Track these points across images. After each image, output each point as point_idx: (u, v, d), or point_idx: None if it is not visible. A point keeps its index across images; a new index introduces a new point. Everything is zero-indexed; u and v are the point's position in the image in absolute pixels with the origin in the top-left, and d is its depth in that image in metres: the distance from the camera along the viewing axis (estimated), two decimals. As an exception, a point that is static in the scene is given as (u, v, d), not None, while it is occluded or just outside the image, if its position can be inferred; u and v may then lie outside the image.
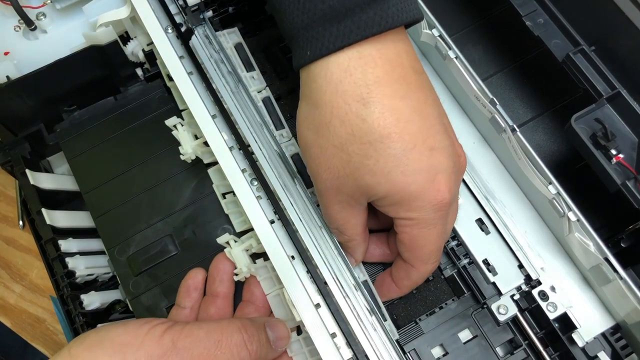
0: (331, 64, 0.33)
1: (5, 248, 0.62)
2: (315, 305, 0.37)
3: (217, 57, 0.46)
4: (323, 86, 0.34)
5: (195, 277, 0.43)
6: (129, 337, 0.34)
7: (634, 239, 0.41)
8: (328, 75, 0.33)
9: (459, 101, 0.47)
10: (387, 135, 0.33)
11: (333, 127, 0.34)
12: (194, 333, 0.35)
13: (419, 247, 0.36)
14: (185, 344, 0.34)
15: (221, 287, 0.43)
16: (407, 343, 0.41)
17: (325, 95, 0.34)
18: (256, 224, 0.39)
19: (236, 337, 0.36)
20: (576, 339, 0.39)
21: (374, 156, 0.33)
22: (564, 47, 0.42)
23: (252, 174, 0.41)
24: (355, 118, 0.33)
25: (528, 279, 0.41)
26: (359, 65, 0.33)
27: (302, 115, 0.36)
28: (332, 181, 0.35)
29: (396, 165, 0.33)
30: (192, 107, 0.42)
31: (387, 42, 0.34)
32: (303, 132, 0.36)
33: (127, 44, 0.50)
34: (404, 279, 0.39)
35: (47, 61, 0.48)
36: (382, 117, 0.33)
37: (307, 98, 0.35)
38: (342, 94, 0.33)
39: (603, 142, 0.39)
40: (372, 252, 0.42)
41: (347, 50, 0.33)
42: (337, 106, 0.33)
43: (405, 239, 0.36)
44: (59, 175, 0.52)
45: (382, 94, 0.33)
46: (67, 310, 0.45)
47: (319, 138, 0.35)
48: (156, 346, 0.34)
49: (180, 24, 0.46)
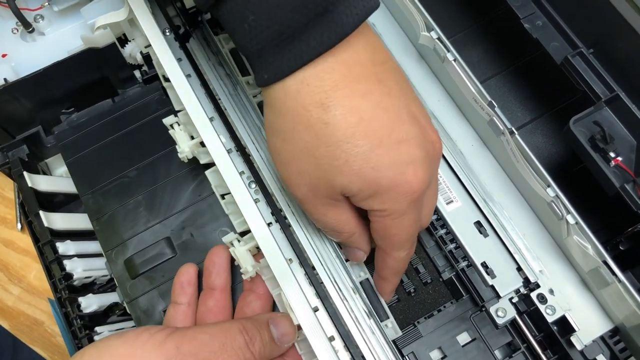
0: (288, 78, 0.33)
1: (3, 250, 0.62)
2: (313, 308, 0.37)
3: (214, 59, 0.46)
4: (281, 97, 0.34)
5: (188, 273, 0.43)
6: (129, 349, 0.33)
7: (632, 241, 0.41)
8: (285, 88, 0.33)
9: (457, 103, 0.47)
10: (351, 135, 0.33)
11: (298, 132, 0.34)
12: (198, 337, 0.35)
13: (391, 235, 0.36)
14: (190, 349, 0.34)
15: (218, 280, 0.43)
16: (405, 346, 0.41)
17: (286, 104, 0.34)
18: (254, 227, 0.39)
19: (239, 340, 0.36)
20: (575, 342, 0.39)
21: (342, 157, 0.33)
22: (562, 50, 0.42)
23: (250, 176, 0.41)
24: (317, 123, 0.33)
25: (526, 281, 0.41)
26: (315, 74, 0.33)
27: (268, 123, 0.36)
28: (307, 185, 0.35)
29: (365, 162, 0.33)
30: (189, 109, 0.42)
31: (342, 46, 0.33)
32: (271, 139, 0.36)
33: (124, 46, 0.50)
34: (384, 268, 0.39)
35: (45, 63, 0.48)
36: (344, 118, 0.33)
37: (271, 107, 0.35)
38: (301, 102, 0.33)
39: (601, 144, 0.38)
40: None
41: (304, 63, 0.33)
42: (299, 114, 0.33)
43: (378, 228, 0.36)
44: (56, 177, 0.52)
45: (342, 96, 0.33)
46: (65, 313, 0.45)
47: (286, 144, 0.35)
48: (159, 354, 0.33)
49: (178, 26, 0.46)
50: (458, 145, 0.46)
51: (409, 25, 0.47)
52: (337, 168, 0.33)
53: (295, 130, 0.34)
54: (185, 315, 0.42)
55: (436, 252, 0.44)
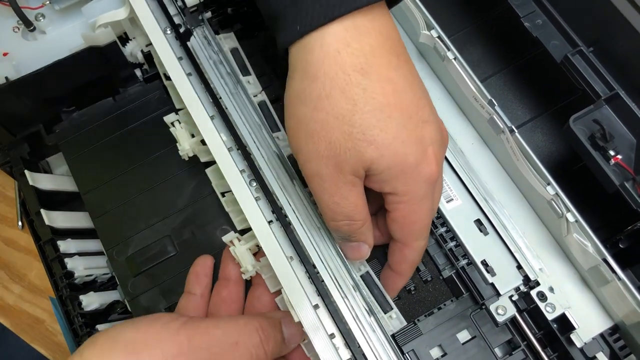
0: (327, 35, 0.33)
1: (5, 248, 0.62)
2: (314, 306, 0.37)
3: (216, 58, 0.46)
4: (321, 58, 0.33)
5: (205, 264, 0.43)
6: (142, 336, 0.33)
7: (632, 239, 0.41)
8: (325, 47, 0.33)
9: (458, 102, 0.47)
10: (386, 104, 0.33)
11: (333, 98, 0.33)
12: (211, 332, 0.35)
13: (411, 222, 0.36)
14: (202, 343, 0.34)
15: (234, 271, 0.43)
16: (405, 344, 0.41)
17: (324, 66, 0.33)
18: (254, 225, 0.39)
19: (254, 338, 0.36)
20: (574, 339, 0.39)
21: (377, 125, 0.33)
22: (562, 48, 0.42)
23: (250, 174, 0.41)
24: (355, 87, 0.33)
25: (526, 279, 0.41)
26: (355, 35, 0.33)
27: (294, 91, 0.35)
28: (334, 158, 0.34)
29: (396, 135, 0.33)
30: (190, 108, 0.42)
31: (377, 14, 0.34)
32: (298, 108, 0.35)
33: (126, 44, 0.50)
34: (402, 262, 0.38)
35: (46, 62, 0.48)
36: (381, 86, 0.33)
37: (302, 72, 0.34)
38: (342, 65, 0.33)
39: (601, 143, 0.39)
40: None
41: (343, 21, 0.33)
42: (337, 77, 0.33)
43: (398, 217, 0.36)
44: (58, 175, 0.53)
45: (379, 64, 0.33)
46: (66, 311, 0.45)
47: (317, 112, 0.33)
48: (172, 344, 0.33)
49: (179, 25, 0.46)
50: (458, 144, 0.46)
51: (409, 24, 0.47)
52: (370, 138, 0.33)
53: (331, 95, 0.33)
54: (197, 305, 0.42)
55: (436, 250, 0.44)
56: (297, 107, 0.35)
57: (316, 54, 0.33)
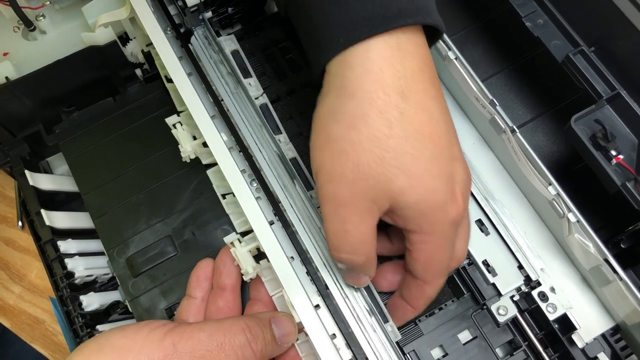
0: (372, 52, 0.32)
1: (5, 249, 0.62)
2: (315, 306, 0.37)
3: (216, 58, 0.46)
4: (362, 75, 0.32)
5: (206, 268, 0.43)
6: (128, 342, 0.33)
7: (633, 240, 0.41)
8: (368, 65, 0.32)
9: (459, 102, 0.47)
10: (421, 133, 0.32)
11: (370, 118, 0.32)
12: (195, 336, 0.35)
13: (434, 262, 0.35)
14: (187, 347, 0.34)
15: (229, 280, 0.42)
16: (406, 344, 0.41)
17: (365, 83, 0.32)
18: (255, 225, 0.39)
19: (240, 338, 0.35)
20: (576, 340, 0.39)
21: (411, 153, 0.31)
22: (563, 48, 0.42)
23: (251, 174, 0.41)
24: (393, 110, 0.31)
25: (528, 279, 0.41)
26: (399, 57, 0.32)
27: (328, 108, 0.33)
28: (359, 182, 0.32)
29: (428, 168, 0.32)
30: (191, 107, 0.42)
31: (419, 39, 0.33)
32: (329, 126, 0.33)
33: (126, 44, 0.50)
34: (419, 298, 0.37)
35: (46, 62, 0.48)
36: (417, 113, 0.32)
37: (340, 89, 0.33)
38: (383, 84, 0.32)
39: (603, 143, 0.38)
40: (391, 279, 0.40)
41: (387, 40, 0.32)
42: (376, 96, 0.31)
43: (420, 257, 0.34)
44: (58, 176, 0.52)
45: (418, 90, 0.32)
46: (67, 311, 0.45)
47: (350, 131, 0.32)
48: (156, 349, 0.33)
49: (180, 24, 0.46)
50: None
51: (410, 24, 0.47)
52: (402, 166, 0.31)
53: (367, 115, 0.32)
54: (198, 309, 0.42)
55: (437, 250, 0.44)
56: (328, 124, 0.33)
57: (357, 71, 0.32)
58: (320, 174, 0.34)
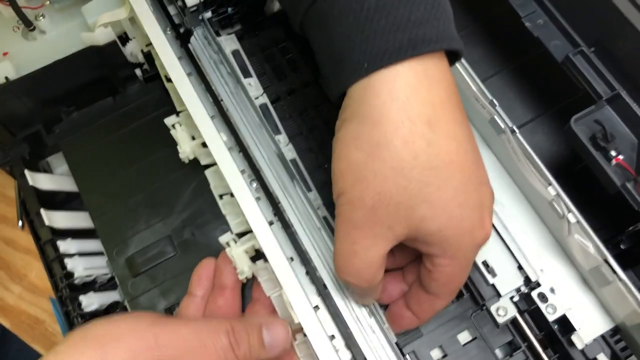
0: (398, 79, 0.31)
1: (5, 248, 0.62)
2: (314, 307, 0.37)
3: (216, 58, 0.46)
4: (388, 102, 0.31)
5: (208, 267, 0.43)
6: (111, 331, 0.33)
7: (633, 240, 0.40)
8: (395, 92, 0.31)
9: (459, 102, 0.47)
10: (449, 163, 0.31)
11: (394, 147, 0.31)
12: (180, 331, 0.34)
13: (454, 282, 0.35)
14: (168, 341, 0.33)
15: (229, 279, 0.42)
16: (405, 345, 0.41)
17: (391, 112, 0.31)
18: (255, 225, 0.39)
19: (222, 341, 0.35)
20: (575, 341, 0.39)
21: (436, 184, 0.31)
22: (563, 48, 0.42)
23: (251, 174, 0.41)
24: (420, 140, 0.31)
25: (527, 280, 0.41)
26: (426, 84, 0.31)
27: (351, 135, 0.32)
28: (379, 210, 0.31)
29: (455, 196, 0.31)
30: (190, 107, 0.42)
31: (444, 65, 0.32)
32: (352, 152, 0.32)
33: (126, 44, 0.50)
34: (429, 311, 0.37)
35: (46, 62, 0.48)
36: (447, 143, 0.31)
37: (362, 117, 0.32)
38: (409, 113, 0.31)
39: (603, 143, 0.38)
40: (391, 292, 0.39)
41: (414, 66, 0.31)
42: (402, 125, 0.31)
43: (442, 278, 0.34)
44: (58, 175, 0.52)
45: (446, 118, 0.31)
46: (66, 312, 0.45)
47: (373, 159, 0.31)
48: (139, 340, 0.33)
49: (179, 24, 0.46)
50: (459, 144, 0.45)
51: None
52: (426, 195, 0.31)
53: (391, 144, 0.31)
54: (197, 307, 0.42)
55: (437, 250, 0.44)
56: (350, 150, 0.32)
57: (383, 98, 0.31)
58: (343, 197, 0.33)
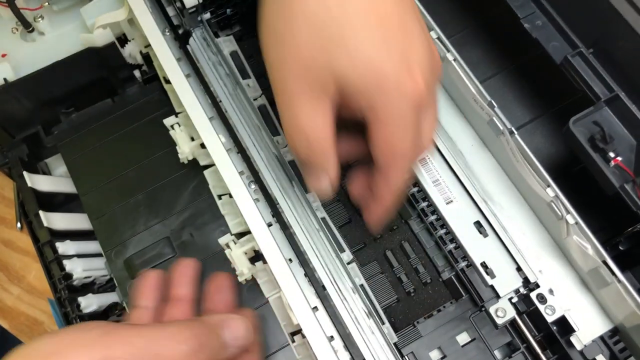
0: None
1: (3, 250, 0.62)
2: (313, 308, 0.37)
3: (215, 59, 0.46)
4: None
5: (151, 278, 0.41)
6: (57, 346, 0.31)
7: (632, 241, 0.40)
8: None
9: (457, 103, 0.47)
10: (365, 14, 0.31)
11: (309, 6, 0.31)
12: (132, 341, 0.32)
13: (393, 145, 0.33)
14: (121, 353, 0.31)
15: (184, 291, 0.41)
16: (405, 346, 0.41)
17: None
18: (253, 227, 0.39)
19: (183, 348, 0.32)
20: (574, 342, 0.39)
21: (352, 36, 0.30)
22: (562, 50, 0.42)
23: (249, 176, 0.41)
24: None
25: (526, 281, 0.41)
26: None
27: (269, 9, 0.33)
28: (302, 69, 0.31)
29: (373, 44, 0.31)
30: (189, 109, 0.42)
31: None
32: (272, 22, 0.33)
33: (124, 46, 0.50)
34: (384, 187, 0.35)
35: (44, 63, 0.48)
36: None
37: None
38: None
39: (601, 145, 0.38)
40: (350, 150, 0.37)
41: None
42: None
43: (379, 140, 0.33)
44: (56, 177, 0.52)
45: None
46: (65, 313, 0.45)
47: (292, 23, 0.32)
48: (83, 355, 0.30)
49: (178, 26, 0.46)
50: (457, 145, 0.46)
51: (409, 25, 0.47)
52: (342, 43, 0.31)
53: (307, 4, 0.31)
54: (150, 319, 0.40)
55: (436, 252, 0.44)
56: (271, 20, 0.33)
57: None
58: (270, 69, 0.33)
